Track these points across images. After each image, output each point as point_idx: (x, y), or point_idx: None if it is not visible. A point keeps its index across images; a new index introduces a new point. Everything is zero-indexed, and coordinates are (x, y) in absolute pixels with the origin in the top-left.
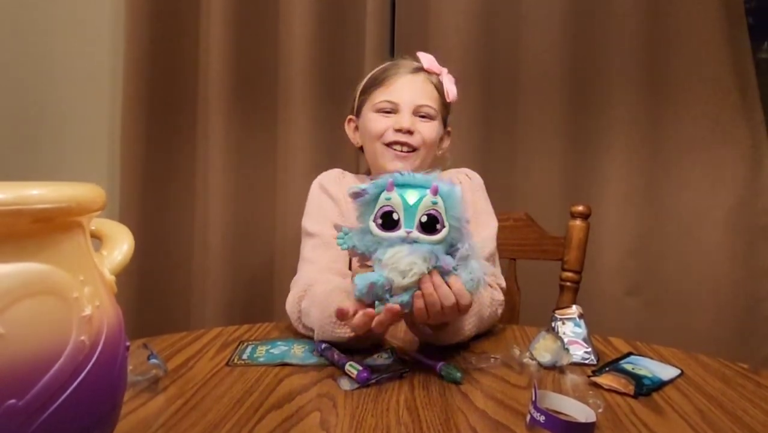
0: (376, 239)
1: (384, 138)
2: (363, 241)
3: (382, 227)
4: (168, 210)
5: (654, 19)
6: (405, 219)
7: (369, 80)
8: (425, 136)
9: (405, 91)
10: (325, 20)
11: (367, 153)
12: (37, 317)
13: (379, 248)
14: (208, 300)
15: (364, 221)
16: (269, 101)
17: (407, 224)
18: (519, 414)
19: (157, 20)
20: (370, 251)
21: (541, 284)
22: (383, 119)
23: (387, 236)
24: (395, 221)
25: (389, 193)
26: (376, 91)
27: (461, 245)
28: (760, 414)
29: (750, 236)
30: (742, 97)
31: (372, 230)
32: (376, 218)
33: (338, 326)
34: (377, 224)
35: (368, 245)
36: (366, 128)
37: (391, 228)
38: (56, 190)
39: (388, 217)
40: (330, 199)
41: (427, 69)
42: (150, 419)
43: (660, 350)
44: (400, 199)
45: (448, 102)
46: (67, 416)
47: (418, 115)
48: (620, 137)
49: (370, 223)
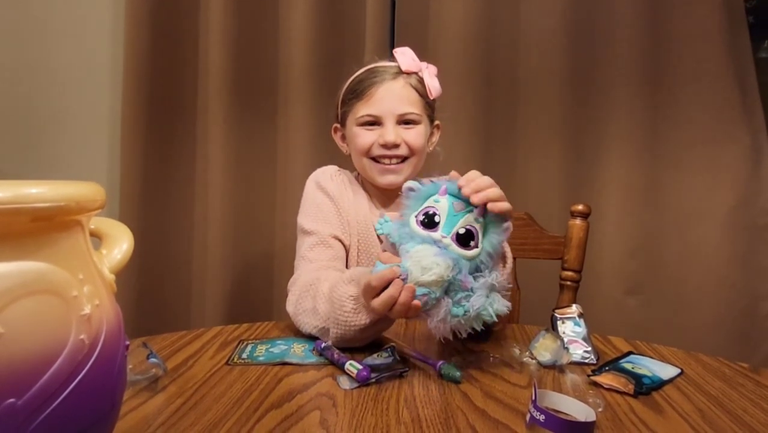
0: (411, 233)
1: (371, 153)
2: (399, 231)
3: (422, 225)
4: (168, 209)
5: (654, 19)
6: (445, 224)
7: (347, 91)
8: (412, 144)
9: (385, 101)
10: (325, 20)
11: (356, 165)
12: (36, 316)
13: (411, 242)
14: (208, 299)
15: (407, 215)
16: (269, 101)
17: (445, 230)
18: (519, 413)
19: (157, 20)
20: (402, 243)
21: (541, 284)
22: (367, 134)
23: (422, 233)
24: (435, 223)
25: (440, 197)
26: (357, 104)
27: (488, 273)
28: (760, 414)
29: (750, 236)
30: (742, 97)
31: (411, 225)
32: (418, 215)
33: (353, 313)
34: (418, 221)
35: (402, 236)
36: (352, 142)
37: (429, 228)
38: (55, 188)
39: (431, 218)
40: (326, 197)
41: (405, 71)
42: (149, 418)
43: (660, 349)
44: (447, 205)
45: (432, 99)
46: (67, 415)
47: (401, 122)
48: (620, 137)
49: (411, 217)
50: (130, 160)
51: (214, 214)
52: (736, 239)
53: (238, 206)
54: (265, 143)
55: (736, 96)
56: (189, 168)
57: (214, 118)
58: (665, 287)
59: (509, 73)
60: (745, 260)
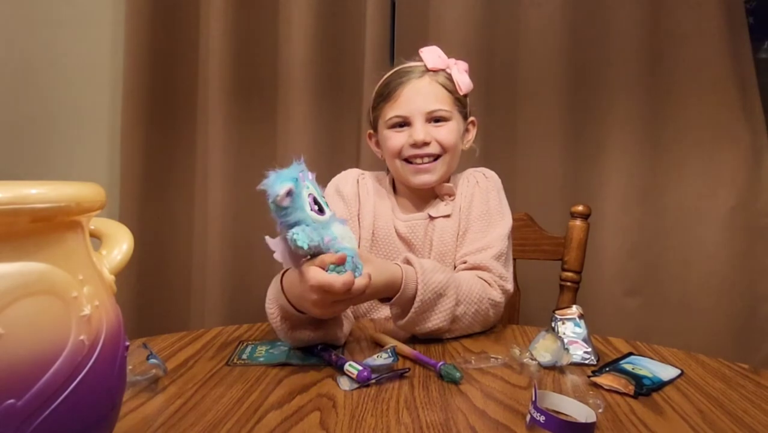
0: (323, 224)
1: (402, 154)
2: (316, 231)
3: (317, 212)
4: (168, 210)
5: (654, 19)
6: (324, 203)
7: (376, 96)
8: (443, 141)
9: (412, 101)
10: (325, 20)
11: (391, 168)
12: (36, 317)
13: (329, 229)
14: (208, 300)
15: (303, 214)
16: (269, 101)
17: (328, 207)
18: (519, 414)
19: (157, 20)
20: (324, 236)
21: (541, 284)
22: (397, 136)
23: (325, 217)
24: (320, 204)
25: (303, 182)
26: (385, 107)
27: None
28: (761, 414)
29: (750, 236)
30: (742, 97)
31: (319, 218)
32: (312, 207)
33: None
34: (314, 210)
35: (320, 231)
36: (384, 145)
37: (321, 212)
38: (55, 189)
39: (319, 204)
40: (341, 200)
41: (431, 69)
42: (149, 419)
43: (660, 350)
44: (313, 187)
45: (462, 95)
46: (66, 415)
47: (431, 120)
48: (620, 137)
49: (308, 212)
50: (130, 160)
51: (214, 214)
52: (736, 240)
53: (238, 206)
54: (265, 143)
55: (736, 97)
56: (189, 168)
57: (215, 118)
58: (665, 288)
59: (509, 73)
60: (745, 260)
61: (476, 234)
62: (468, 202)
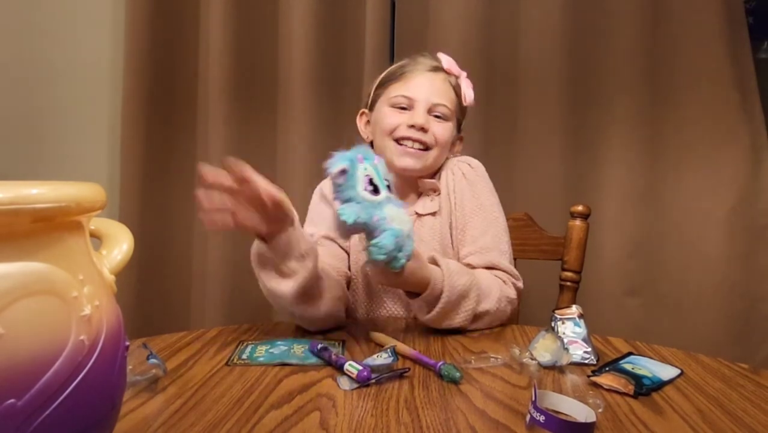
0: (375, 204)
1: (396, 133)
2: (365, 209)
3: (372, 193)
4: (168, 210)
5: (654, 19)
6: (381, 185)
7: (387, 74)
8: (438, 136)
9: (422, 87)
10: (325, 21)
11: (377, 148)
12: (36, 317)
13: (380, 210)
14: (208, 299)
15: (354, 192)
16: (269, 102)
17: (385, 188)
18: (519, 414)
19: (157, 20)
20: (373, 215)
21: (541, 284)
22: (397, 114)
23: (381, 198)
24: (376, 186)
25: (360, 164)
26: (393, 86)
27: None
28: (761, 414)
29: (750, 237)
30: (742, 97)
31: (372, 198)
32: (366, 186)
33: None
34: (368, 190)
35: (369, 211)
36: (378, 122)
37: (376, 193)
38: (56, 189)
39: (374, 185)
40: (325, 204)
41: (447, 70)
42: (149, 419)
43: (660, 350)
44: (372, 168)
45: (464, 106)
46: (67, 415)
47: (432, 114)
48: (620, 137)
49: (361, 192)
50: (130, 160)
51: None
52: (736, 240)
53: None
54: (265, 144)
55: (736, 97)
56: (189, 168)
57: (215, 119)
58: (665, 288)
59: (509, 73)
60: (745, 260)
61: (476, 231)
62: (459, 198)
